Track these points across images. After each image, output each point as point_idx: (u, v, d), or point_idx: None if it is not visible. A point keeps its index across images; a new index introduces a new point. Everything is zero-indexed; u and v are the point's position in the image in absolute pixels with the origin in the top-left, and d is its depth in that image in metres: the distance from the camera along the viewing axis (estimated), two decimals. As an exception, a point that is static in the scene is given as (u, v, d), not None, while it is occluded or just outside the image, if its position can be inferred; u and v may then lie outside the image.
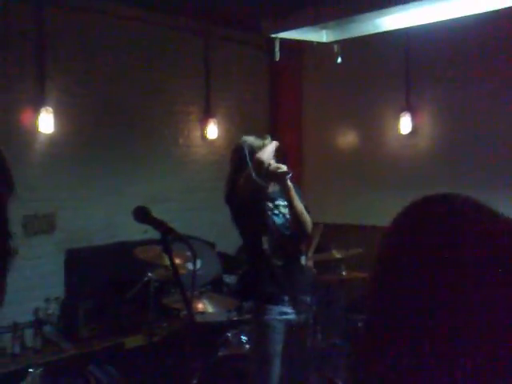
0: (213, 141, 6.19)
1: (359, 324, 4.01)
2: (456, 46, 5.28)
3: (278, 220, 3.22)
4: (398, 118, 5.82)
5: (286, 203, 3.23)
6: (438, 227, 0.77)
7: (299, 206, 3.18)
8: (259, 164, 3.07)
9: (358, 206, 6.11)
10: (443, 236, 0.76)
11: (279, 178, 3.15)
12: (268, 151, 3.15)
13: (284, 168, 3.14)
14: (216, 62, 6.19)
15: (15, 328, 4.43)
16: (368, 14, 3.82)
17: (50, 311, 4.71)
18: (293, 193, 3.17)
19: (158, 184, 5.64)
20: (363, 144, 6.28)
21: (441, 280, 0.73)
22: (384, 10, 3.77)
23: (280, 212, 3.24)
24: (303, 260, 3.30)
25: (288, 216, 3.22)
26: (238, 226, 3.26)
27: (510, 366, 0.68)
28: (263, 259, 3.16)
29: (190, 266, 4.00)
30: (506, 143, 5.14)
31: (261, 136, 3.30)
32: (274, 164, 3.16)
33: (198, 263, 4.58)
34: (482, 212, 0.77)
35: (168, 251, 1.69)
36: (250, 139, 3.26)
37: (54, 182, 4.94)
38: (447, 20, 3.85)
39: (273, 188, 3.24)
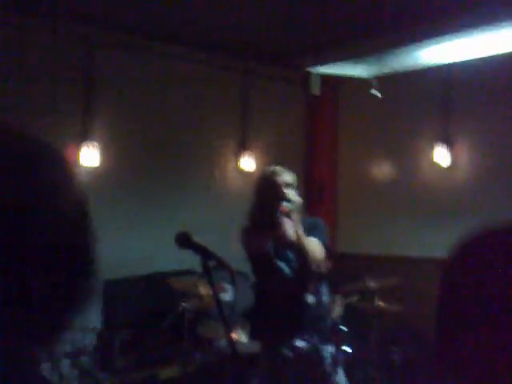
0: (249, 174, 6.26)
1: (394, 356, 3.93)
2: (498, 81, 5.25)
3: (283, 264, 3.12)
4: (435, 150, 5.79)
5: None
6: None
7: (306, 243, 3.03)
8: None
9: (393, 237, 6.06)
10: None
11: (289, 216, 3.04)
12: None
13: (288, 204, 3.02)
14: (253, 98, 6.32)
15: (53, 358, 4.47)
16: (407, 48, 3.82)
17: (86, 341, 4.75)
18: (299, 232, 3.03)
19: (194, 215, 5.71)
20: (400, 176, 6.25)
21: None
22: (424, 44, 3.75)
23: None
24: (310, 299, 3.14)
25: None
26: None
27: None
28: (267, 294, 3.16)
29: (224, 296, 4.01)
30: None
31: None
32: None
33: (232, 294, 4.58)
34: None
35: (208, 276, 1.72)
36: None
37: (95, 214, 5.04)
38: (488, 56, 3.82)
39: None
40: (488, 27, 3.35)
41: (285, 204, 3.01)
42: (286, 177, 3.14)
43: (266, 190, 3.15)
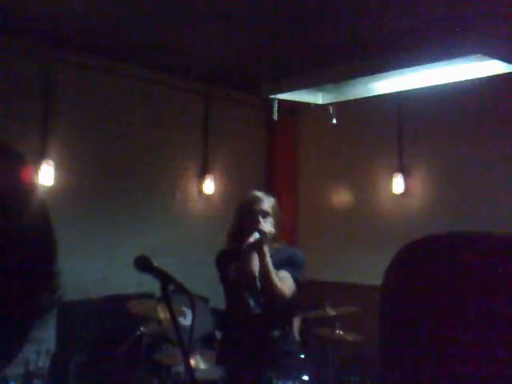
0: (209, 196, 6.28)
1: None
2: (447, 110, 5.46)
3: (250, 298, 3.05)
4: (390, 179, 5.94)
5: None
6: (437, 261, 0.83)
7: (271, 277, 2.94)
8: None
9: (351, 265, 6.15)
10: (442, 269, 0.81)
11: (256, 248, 2.96)
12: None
13: (256, 235, 2.94)
14: (215, 120, 6.37)
15: (4, 380, 4.35)
16: (362, 79, 3.99)
17: (40, 364, 4.63)
18: (266, 260, 2.95)
19: (153, 238, 5.67)
20: (357, 203, 6.38)
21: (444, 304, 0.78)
22: (377, 75, 3.94)
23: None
24: (275, 333, 3.02)
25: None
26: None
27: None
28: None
29: (182, 321, 3.99)
30: (499, 201, 5.24)
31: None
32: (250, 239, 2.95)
33: (190, 318, 4.56)
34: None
35: (168, 300, 1.72)
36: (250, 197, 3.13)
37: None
38: (437, 85, 4.03)
39: None
40: (435, 60, 3.55)
41: (254, 235, 2.92)
42: (264, 204, 3.05)
43: (240, 217, 3.10)
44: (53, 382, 4.62)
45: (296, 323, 4.77)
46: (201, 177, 6.25)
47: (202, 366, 3.79)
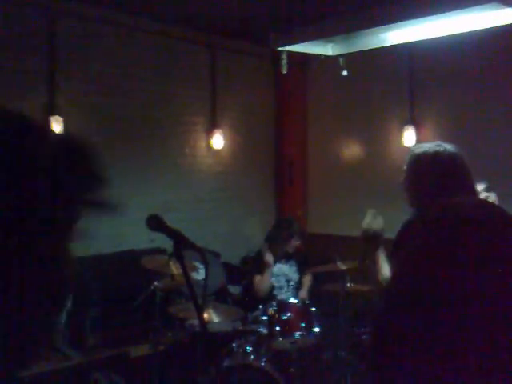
0: (218, 151, 6.25)
1: (363, 337, 4.02)
2: (461, 61, 5.34)
3: None
4: (401, 132, 5.87)
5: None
6: None
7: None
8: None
9: (361, 218, 6.13)
10: None
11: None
12: None
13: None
14: (222, 74, 6.27)
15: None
16: (373, 29, 3.89)
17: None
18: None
19: (164, 193, 5.69)
20: (368, 156, 6.33)
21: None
22: (389, 25, 3.83)
23: None
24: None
25: None
26: None
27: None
28: None
29: (195, 275, 4.02)
30: (509, 157, 5.18)
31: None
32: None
33: (203, 273, 4.61)
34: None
35: (180, 259, 1.73)
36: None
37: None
38: (450, 35, 3.92)
39: None
40: (450, 9, 3.44)
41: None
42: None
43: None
44: (69, 336, 4.73)
45: (306, 280, 4.83)
46: (209, 132, 6.21)
47: (215, 319, 3.86)
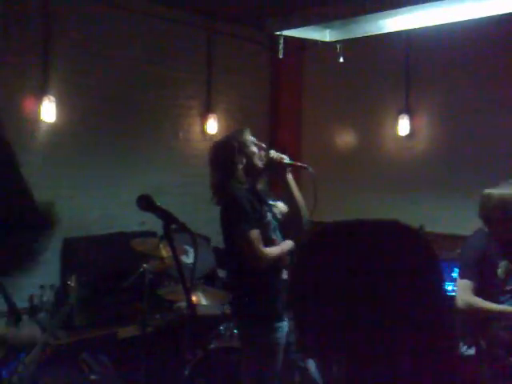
0: (213, 136, 6.22)
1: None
2: (455, 49, 5.32)
3: (274, 223, 2.99)
4: (396, 120, 5.86)
5: (275, 202, 3.07)
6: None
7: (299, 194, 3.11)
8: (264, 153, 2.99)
9: (354, 206, 6.15)
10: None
11: (282, 168, 3.03)
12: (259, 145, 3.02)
13: (286, 158, 3.04)
14: (218, 57, 6.23)
15: (9, 314, 4.44)
16: (371, 15, 3.87)
17: (44, 298, 4.73)
18: (293, 183, 3.08)
19: (156, 176, 5.67)
20: (362, 144, 6.32)
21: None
22: (387, 12, 3.81)
23: (273, 214, 3.02)
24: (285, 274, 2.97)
25: (278, 217, 3.02)
26: (231, 234, 2.95)
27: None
28: (263, 271, 2.87)
29: (185, 259, 4.02)
30: (503, 146, 5.19)
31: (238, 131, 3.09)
32: (275, 153, 3.02)
33: (193, 257, 4.61)
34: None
35: (170, 240, 1.72)
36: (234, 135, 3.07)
37: (53, 171, 4.97)
38: (448, 23, 3.91)
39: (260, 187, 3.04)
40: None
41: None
42: None
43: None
44: (57, 315, 4.73)
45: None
46: (204, 116, 6.17)
47: (204, 302, 3.87)
